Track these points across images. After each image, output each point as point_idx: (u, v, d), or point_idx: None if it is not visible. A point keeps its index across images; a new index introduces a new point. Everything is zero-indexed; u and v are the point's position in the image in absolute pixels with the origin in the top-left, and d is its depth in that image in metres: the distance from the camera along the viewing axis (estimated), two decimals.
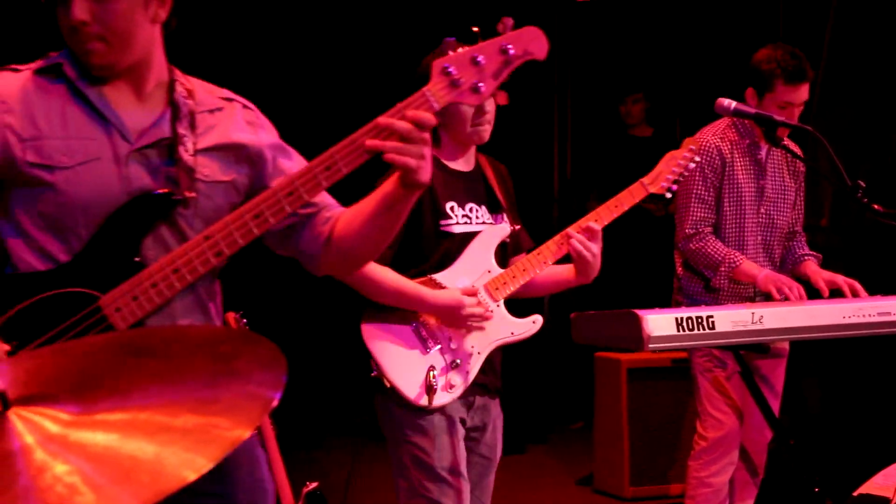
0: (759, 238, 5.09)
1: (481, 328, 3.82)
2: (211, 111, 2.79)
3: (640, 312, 4.31)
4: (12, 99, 2.60)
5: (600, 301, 4.54)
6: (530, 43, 2.61)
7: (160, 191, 2.64)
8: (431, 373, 3.70)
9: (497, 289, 3.87)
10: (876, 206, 4.36)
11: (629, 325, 4.33)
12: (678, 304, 5.15)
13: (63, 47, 2.69)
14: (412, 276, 3.76)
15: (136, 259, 2.60)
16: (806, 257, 5.17)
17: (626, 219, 4.12)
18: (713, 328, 4.38)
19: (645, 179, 4.26)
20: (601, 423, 6.95)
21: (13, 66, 2.68)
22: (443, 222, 3.81)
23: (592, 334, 4.13)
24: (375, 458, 7.73)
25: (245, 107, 2.87)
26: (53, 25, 2.68)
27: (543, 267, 3.92)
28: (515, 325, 3.93)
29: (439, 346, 3.77)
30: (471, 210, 3.87)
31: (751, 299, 4.98)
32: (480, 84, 2.58)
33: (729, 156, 4.98)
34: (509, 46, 2.59)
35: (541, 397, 7.91)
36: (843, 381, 6.78)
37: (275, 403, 1.60)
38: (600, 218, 4.01)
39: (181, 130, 2.69)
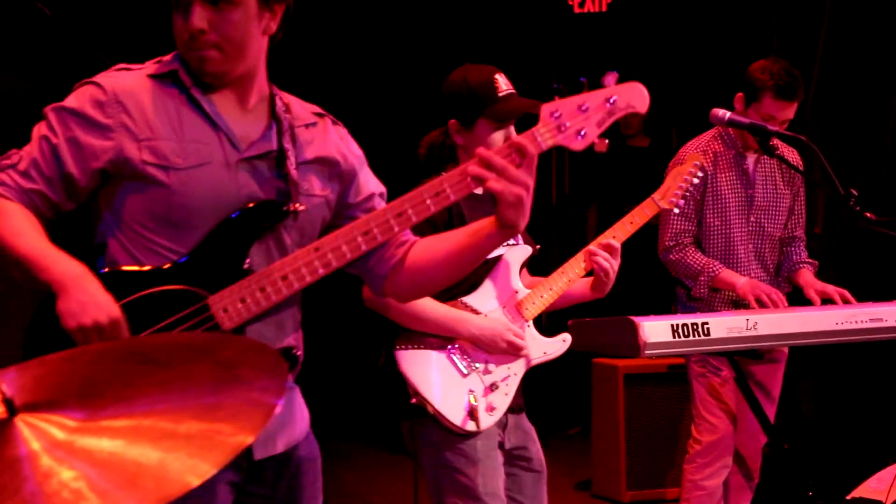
0: (751, 247, 5.10)
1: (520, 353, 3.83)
2: (307, 126, 2.84)
3: (636, 319, 4.31)
4: (128, 100, 2.64)
5: (597, 308, 4.53)
6: (633, 97, 2.74)
7: (279, 202, 2.70)
8: (471, 396, 3.69)
9: (527, 309, 3.87)
10: (868, 215, 4.37)
11: (626, 331, 4.33)
12: (675, 312, 5.16)
13: (169, 50, 2.74)
14: (443, 302, 3.75)
15: (245, 265, 2.66)
16: (802, 265, 5.17)
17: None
18: (708, 335, 4.38)
19: (655, 195, 4.29)
20: (599, 428, 6.95)
21: (126, 66, 2.73)
22: None
23: (590, 341, 4.13)
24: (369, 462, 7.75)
25: (335, 122, 2.93)
26: (165, 29, 2.72)
27: (570, 285, 3.92)
28: (547, 345, 3.93)
29: (477, 370, 3.76)
30: None
31: (730, 308, 5.01)
32: (584, 130, 2.68)
33: (711, 168, 4.98)
34: (615, 98, 2.71)
35: (539, 403, 7.90)
36: (837, 386, 6.78)
37: (277, 410, 1.59)
38: (617, 235, 4.02)
39: (286, 144, 2.74)
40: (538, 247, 4.00)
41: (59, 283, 2.49)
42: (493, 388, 3.76)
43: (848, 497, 4.95)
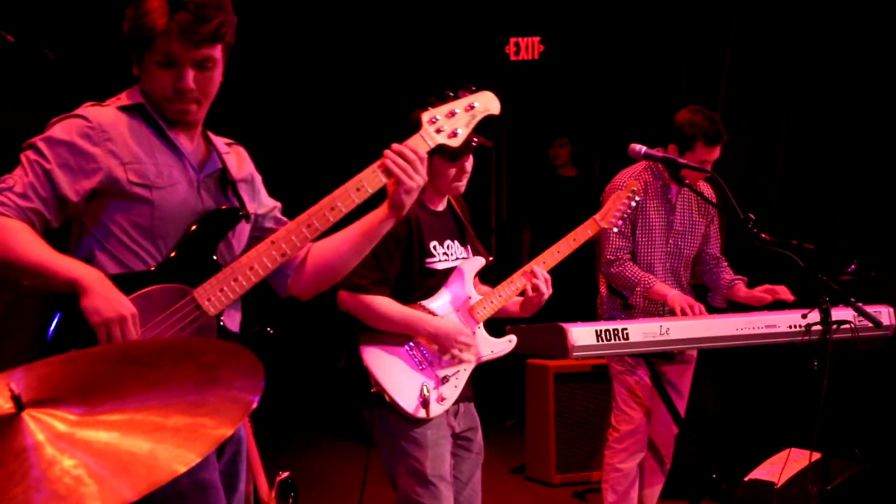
0: (668, 265, 5.14)
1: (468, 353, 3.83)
2: (227, 152, 2.92)
3: (565, 325, 4.34)
4: (111, 129, 2.67)
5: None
6: (489, 102, 3.04)
7: (234, 208, 2.81)
8: (425, 388, 3.69)
9: (478, 313, 3.87)
10: (764, 235, 4.40)
11: (556, 336, 4.35)
12: (600, 319, 5.18)
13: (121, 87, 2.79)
14: (404, 304, 3.77)
15: (215, 259, 2.76)
16: (735, 282, 5.21)
17: (552, 243, 4.13)
18: (627, 339, 4.42)
19: (597, 216, 4.31)
20: (531, 420, 6.95)
21: (95, 102, 2.76)
22: (427, 261, 3.79)
23: (524, 343, 4.14)
24: (342, 455, 7.72)
25: (242, 147, 3.02)
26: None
27: (516, 293, 3.92)
28: (495, 344, 3.93)
29: (431, 365, 3.76)
30: (448, 247, 3.87)
31: (660, 315, 5.02)
32: (457, 131, 2.94)
33: (642, 195, 5.01)
34: (475, 103, 3.00)
35: (480, 397, 7.92)
36: (736, 383, 6.83)
37: (254, 405, 1.59)
38: (561, 251, 4.03)
39: (227, 164, 2.85)
40: (491, 258, 4.01)
41: (81, 283, 2.51)
42: (444, 380, 3.76)
43: (745, 479, 4.99)
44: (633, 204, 4.44)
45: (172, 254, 2.70)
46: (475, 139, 3.67)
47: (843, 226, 7.12)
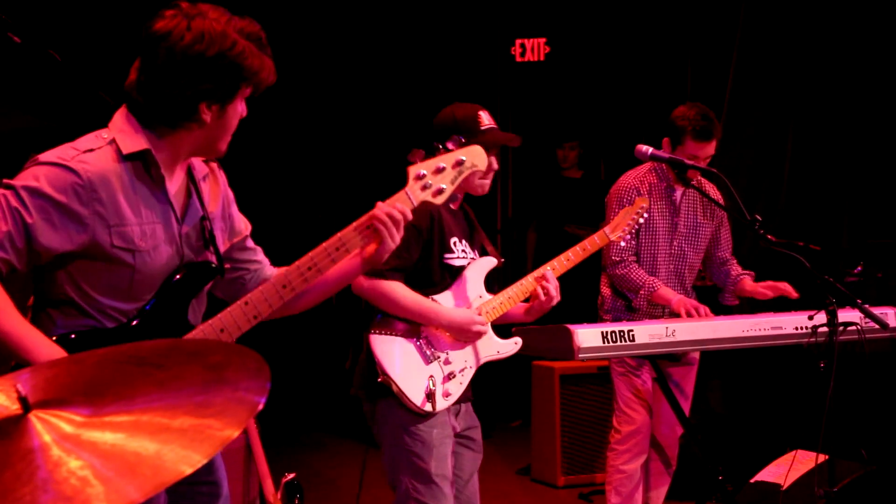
0: (672, 267, 5.13)
1: (475, 345, 3.83)
2: (204, 178, 2.81)
3: (571, 327, 4.33)
4: (102, 187, 2.50)
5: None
6: (475, 157, 3.05)
7: (211, 264, 2.75)
8: (431, 381, 3.69)
9: (488, 312, 3.87)
10: (770, 237, 4.40)
11: (562, 337, 4.35)
12: (602, 320, 5.17)
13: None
14: None
15: (188, 317, 2.70)
16: (742, 276, 5.20)
17: (558, 244, 4.14)
18: (633, 340, 4.41)
19: (607, 229, 4.32)
20: (537, 422, 6.95)
21: (87, 146, 2.55)
22: (447, 256, 3.80)
23: (531, 345, 4.14)
24: (345, 455, 7.72)
25: (219, 167, 2.90)
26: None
27: (524, 295, 3.92)
28: (501, 345, 3.92)
29: (439, 360, 3.76)
30: (465, 245, 3.89)
31: (661, 317, 5.03)
32: (443, 188, 2.96)
33: (646, 195, 5.01)
34: (463, 159, 3.01)
35: (486, 399, 7.92)
36: (743, 385, 6.82)
37: (260, 407, 1.59)
38: (571, 258, 4.04)
39: (207, 207, 2.75)
40: (502, 260, 4.01)
41: None
42: (450, 377, 3.76)
43: (752, 480, 4.98)
44: (642, 220, 4.45)
45: (143, 313, 2.63)
46: (505, 138, 3.80)
47: (849, 227, 7.11)
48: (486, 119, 3.82)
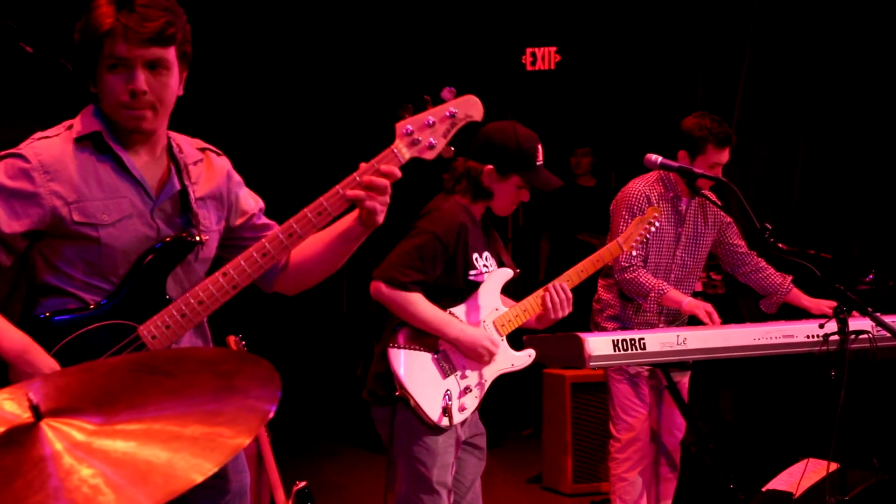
0: (673, 276, 5.13)
1: (492, 361, 3.84)
2: (195, 163, 2.83)
3: (582, 335, 4.33)
4: (54, 167, 2.61)
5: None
6: (471, 108, 2.83)
7: (186, 236, 2.72)
8: (447, 396, 3.70)
9: (503, 325, 3.88)
10: (780, 245, 4.39)
11: (573, 345, 4.34)
12: (599, 326, 5.18)
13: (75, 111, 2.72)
14: None
15: (166, 294, 2.69)
16: (790, 286, 5.19)
17: (570, 253, 4.15)
18: (644, 348, 4.40)
19: (619, 239, 4.33)
20: (548, 430, 6.94)
21: (43, 134, 2.69)
22: (471, 273, 3.83)
23: (541, 353, 4.14)
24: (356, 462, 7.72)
25: (218, 154, 2.92)
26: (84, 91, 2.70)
27: (540, 309, 3.92)
28: (515, 358, 3.94)
29: (455, 374, 3.77)
30: (486, 258, 3.89)
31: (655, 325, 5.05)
32: (434, 142, 2.76)
33: (655, 204, 5.02)
34: (454, 111, 2.79)
35: (497, 407, 7.94)
36: (754, 393, 6.81)
37: (271, 415, 1.59)
38: (586, 269, 4.04)
39: (186, 182, 2.75)
40: (518, 270, 4.01)
41: (9, 360, 2.52)
42: (466, 391, 3.78)
43: (763, 489, 4.97)
44: (653, 229, 4.46)
45: (120, 289, 2.66)
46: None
47: (860, 235, 7.09)
48: (540, 154, 3.87)
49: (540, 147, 3.87)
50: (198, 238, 2.73)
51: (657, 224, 4.49)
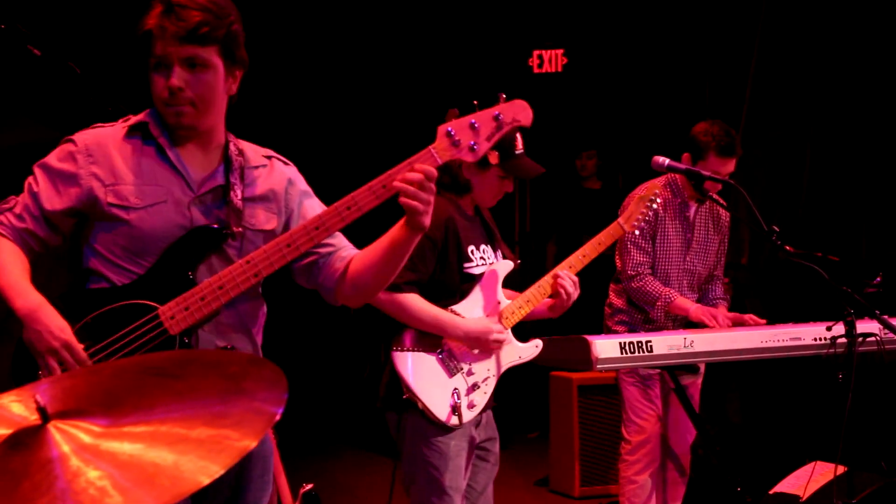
0: (684, 282, 5.13)
1: (497, 354, 3.82)
2: (256, 167, 2.91)
3: (589, 338, 4.32)
4: (97, 151, 2.77)
5: (548, 327, 4.55)
6: (518, 112, 2.77)
7: (212, 225, 2.78)
8: (455, 395, 3.69)
9: (507, 318, 3.86)
10: (787, 247, 4.38)
11: (580, 348, 4.34)
12: (610, 331, 5.17)
13: (141, 109, 2.86)
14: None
15: (190, 277, 2.75)
16: (717, 302, 5.21)
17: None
18: (651, 351, 4.40)
19: (620, 219, 4.29)
20: (555, 433, 6.94)
21: (101, 124, 2.86)
22: (466, 265, 3.79)
23: (548, 356, 4.13)
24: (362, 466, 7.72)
25: (285, 163, 2.99)
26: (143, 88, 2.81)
27: (543, 297, 3.91)
28: (522, 350, 3.92)
29: (462, 371, 3.76)
30: (483, 251, 3.87)
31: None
32: (475, 144, 2.71)
33: (662, 211, 5.02)
34: (500, 115, 2.73)
35: (504, 410, 7.92)
36: (761, 396, 6.80)
37: (277, 417, 1.59)
38: (587, 254, 4.02)
39: (232, 179, 2.82)
40: (518, 262, 3.99)
41: (21, 316, 2.66)
42: (474, 387, 3.76)
43: (770, 492, 4.96)
44: (655, 206, 4.42)
45: (148, 271, 2.75)
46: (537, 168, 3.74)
47: (868, 237, 7.08)
48: (520, 143, 3.80)
49: (519, 136, 3.80)
50: (225, 231, 2.78)
51: (659, 200, 4.47)
